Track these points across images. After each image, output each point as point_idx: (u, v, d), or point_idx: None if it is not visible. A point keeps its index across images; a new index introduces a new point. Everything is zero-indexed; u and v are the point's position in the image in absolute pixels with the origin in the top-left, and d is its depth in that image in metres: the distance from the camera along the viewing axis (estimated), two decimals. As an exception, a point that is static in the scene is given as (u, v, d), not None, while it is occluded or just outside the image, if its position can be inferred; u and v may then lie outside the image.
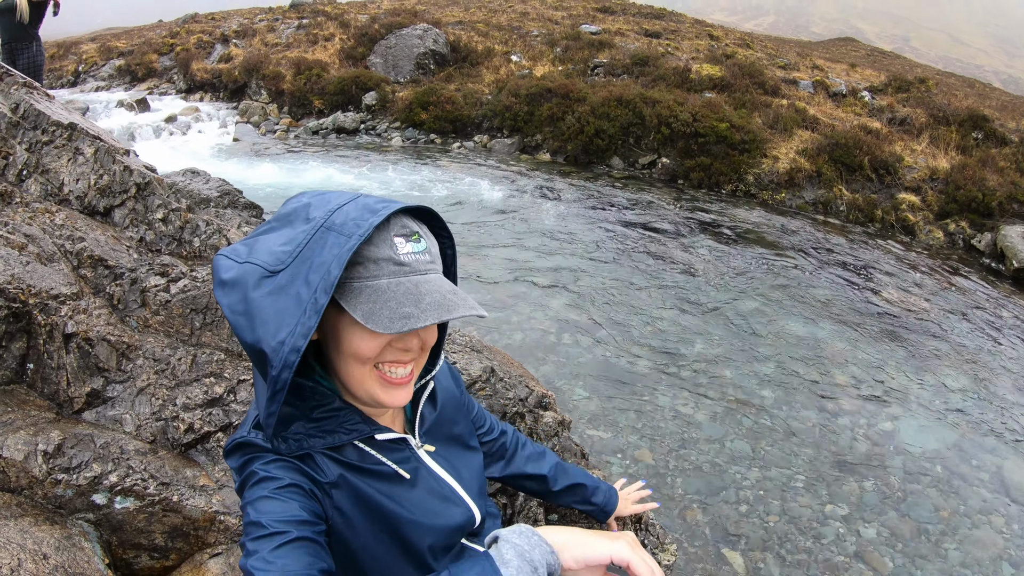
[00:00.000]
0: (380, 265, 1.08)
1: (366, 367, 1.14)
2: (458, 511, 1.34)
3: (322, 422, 1.17)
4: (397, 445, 1.30)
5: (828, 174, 12.58)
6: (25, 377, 2.27)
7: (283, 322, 1.03)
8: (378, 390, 1.16)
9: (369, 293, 1.06)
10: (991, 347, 7.12)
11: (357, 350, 1.12)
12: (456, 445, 1.46)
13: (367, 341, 1.11)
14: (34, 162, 2.97)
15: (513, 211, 10.11)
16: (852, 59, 27.79)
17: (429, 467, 1.34)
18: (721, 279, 8.06)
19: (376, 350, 1.12)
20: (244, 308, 1.07)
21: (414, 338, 1.16)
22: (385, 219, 1.10)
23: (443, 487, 1.34)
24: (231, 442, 1.19)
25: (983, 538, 4.30)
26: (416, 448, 1.34)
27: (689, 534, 4.05)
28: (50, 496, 1.92)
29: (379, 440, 1.25)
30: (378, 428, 1.24)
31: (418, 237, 1.15)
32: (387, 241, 1.10)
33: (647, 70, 17.17)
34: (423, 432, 1.38)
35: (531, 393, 2.50)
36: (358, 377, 1.15)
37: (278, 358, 1.03)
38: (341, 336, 1.12)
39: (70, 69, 23.88)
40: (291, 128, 16.66)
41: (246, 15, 27.89)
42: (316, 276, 1.03)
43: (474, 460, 1.50)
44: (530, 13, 27.09)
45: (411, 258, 1.11)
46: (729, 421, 5.21)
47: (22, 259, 2.37)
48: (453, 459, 1.42)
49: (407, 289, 1.07)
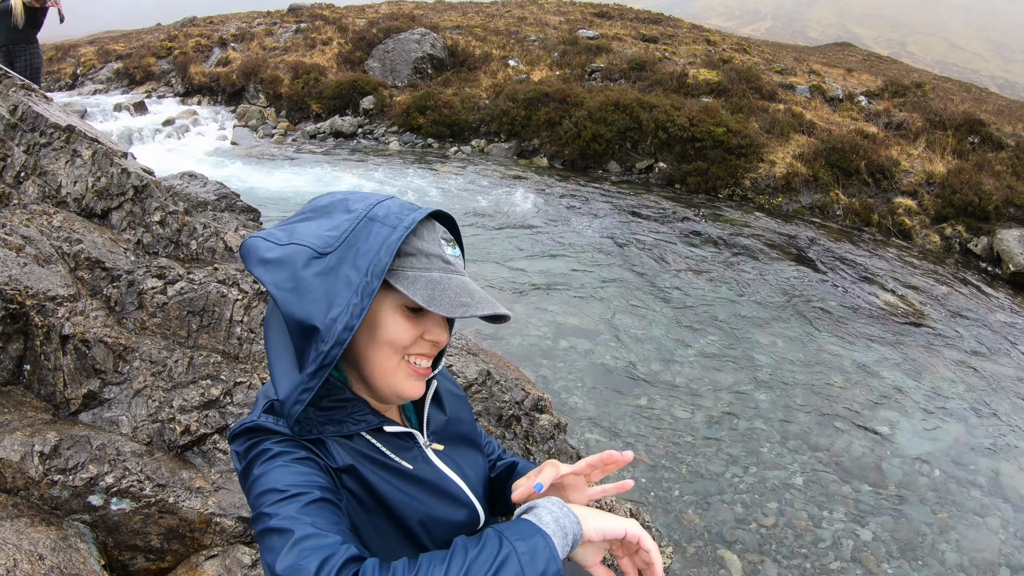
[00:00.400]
0: (432, 260, 1.17)
1: (397, 356, 1.19)
2: (464, 510, 1.36)
3: (331, 411, 1.20)
4: (405, 441, 1.31)
5: (825, 178, 12.61)
6: (22, 378, 2.27)
7: (335, 301, 1.09)
8: (403, 380, 1.21)
9: (426, 282, 1.14)
10: (987, 351, 7.13)
11: (398, 336, 1.18)
12: (462, 445, 1.49)
13: (408, 329, 1.18)
14: (32, 164, 2.98)
15: (510, 216, 10.12)
16: (849, 64, 27.88)
17: (436, 465, 1.36)
18: (717, 283, 8.07)
19: (413, 338, 1.19)
20: (293, 285, 1.11)
21: (445, 333, 1.23)
22: (428, 219, 1.21)
23: (450, 486, 1.35)
24: (239, 426, 1.20)
25: (980, 540, 4.31)
26: (424, 447, 1.36)
27: (686, 537, 4.05)
28: (46, 497, 1.92)
29: (387, 433, 1.28)
30: (387, 420, 1.27)
31: (454, 243, 1.25)
32: (436, 240, 1.20)
33: (644, 75, 17.21)
34: (431, 432, 1.40)
35: (527, 396, 2.50)
36: (388, 367, 1.20)
37: (331, 334, 1.08)
38: (379, 323, 1.17)
39: (68, 72, 23.87)
40: (289, 132, 16.67)
41: (244, 19, 27.92)
42: (364, 261, 1.10)
43: (479, 460, 1.52)
44: (528, 18, 27.14)
45: (454, 260, 1.21)
46: (726, 424, 5.22)
47: (20, 260, 2.37)
48: (459, 459, 1.43)
49: (459, 284, 1.16)
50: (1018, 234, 10.65)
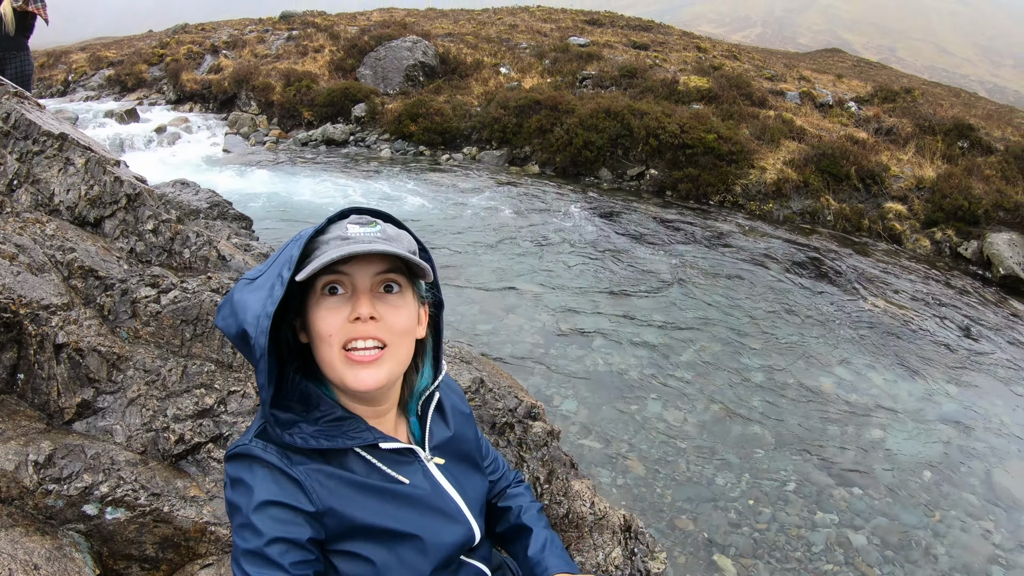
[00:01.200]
0: (330, 243, 1.19)
1: (334, 348, 1.20)
2: (460, 528, 1.35)
3: (327, 428, 1.22)
4: (404, 456, 1.32)
5: (815, 184, 12.68)
6: (16, 387, 2.27)
7: (258, 300, 1.18)
8: (345, 371, 1.21)
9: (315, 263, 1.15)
10: (978, 354, 7.18)
11: (324, 324, 1.20)
12: (464, 463, 1.48)
13: (330, 314, 1.19)
14: (25, 172, 2.98)
15: (501, 223, 10.13)
16: (839, 70, 28.05)
17: (436, 480, 1.36)
18: (709, 289, 8.10)
19: (339, 322, 1.19)
20: (230, 310, 1.20)
21: (362, 306, 1.20)
22: (342, 214, 1.26)
23: (448, 502, 1.35)
24: (231, 450, 1.23)
25: (973, 543, 4.33)
26: (425, 461, 1.36)
27: (679, 542, 4.06)
28: (41, 506, 1.92)
29: (384, 450, 1.28)
30: (384, 437, 1.27)
31: (375, 223, 1.25)
32: (340, 227, 1.23)
33: (635, 82, 17.27)
34: (433, 446, 1.40)
35: (520, 404, 2.51)
36: (329, 359, 1.21)
37: (255, 328, 1.14)
38: (312, 319, 1.22)
39: (60, 79, 23.82)
40: (280, 139, 16.65)
41: (236, 26, 27.91)
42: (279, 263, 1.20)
43: (479, 481, 1.51)
44: (519, 25, 27.22)
45: (357, 233, 1.21)
46: (718, 430, 5.23)
47: (13, 269, 2.37)
48: (460, 476, 1.43)
49: (338, 248, 1.17)
50: (1008, 238, 10.73)
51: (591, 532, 2.13)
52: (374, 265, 1.21)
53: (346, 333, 1.20)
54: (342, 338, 1.20)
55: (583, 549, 2.09)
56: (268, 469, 1.16)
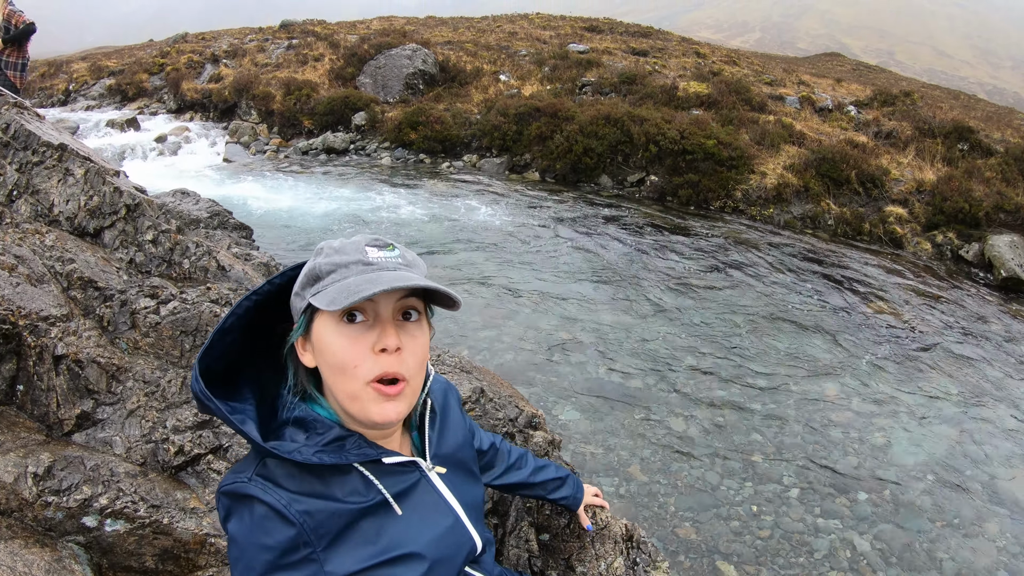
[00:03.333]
0: (350, 268, 1.15)
1: (359, 381, 1.16)
2: (461, 540, 1.34)
3: (327, 448, 1.18)
4: (406, 468, 1.29)
5: (815, 189, 12.68)
6: (15, 399, 2.26)
7: None
8: (370, 404, 1.17)
9: (338, 289, 1.12)
10: (980, 357, 7.16)
11: (344, 356, 1.15)
12: (462, 471, 1.46)
13: (351, 345, 1.15)
14: (24, 182, 2.98)
15: (502, 231, 10.13)
16: (838, 74, 28.09)
17: (439, 490, 1.34)
18: (710, 295, 8.10)
19: (361, 354, 1.15)
20: None
21: (391, 337, 1.16)
22: (364, 237, 1.22)
23: (449, 513, 1.34)
24: (228, 485, 1.17)
25: (977, 547, 4.31)
26: (428, 471, 1.34)
27: (682, 550, 4.04)
28: (40, 518, 1.91)
29: (386, 465, 1.25)
30: (385, 452, 1.24)
31: (392, 247, 1.21)
32: (359, 249, 1.18)
33: (635, 88, 17.30)
34: (433, 455, 1.38)
35: (521, 413, 2.50)
36: (351, 391, 1.17)
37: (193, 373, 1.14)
38: (325, 347, 1.16)
39: (60, 88, 23.88)
40: (281, 148, 16.69)
41: (236, 35, 27.99)
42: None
43: (477, 487, 1.50)
44: (518, 33, 27.29)
45: (379, 258, 1.18)
46: (720, 436, 5.22)
47: (12, 280, 2.37)
48: (459, 484, 1.41)
49: (369, 278, 1.13)
50: (1009, 240, 10.72)
51: (593, 542, 2.12)
52: (396, 292, 1.18)
53: (374, 366, 1.16)
54: (370, 371, 1.16)
55: (585, 559, 2.08)
56: (267, 510, 1.12)
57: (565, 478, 2.03)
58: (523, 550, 2.13)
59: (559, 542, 2.18)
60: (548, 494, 2.00)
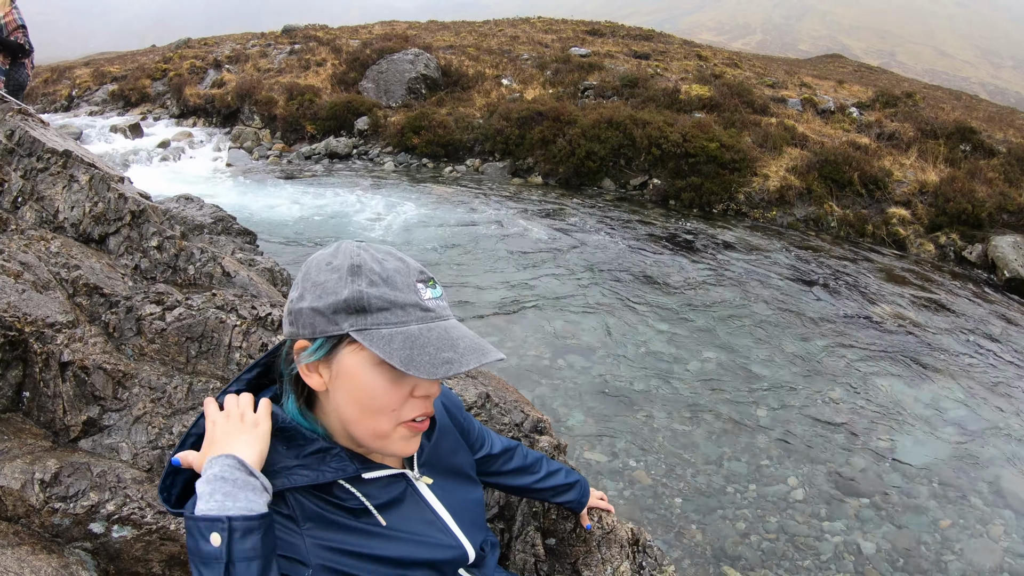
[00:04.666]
0: (408, 311, 1.09)
1: (392, 422, 1.14)
2: (449, 547, 1.31)
3: (308, 460, 1.16)
4: (393, 479, 1.27)
5: (818, 191, 12.67)
6: (21, 405, 2.27)
7: None
8: (399, 442, 1.16)
9: (403, 340, 1.06)
10: (985, 358, 7.15)
11: (385, 401, 1.11)
12: (454, 477, 1.44)
13: (393, 390, 1.11)
14: (29, 189, 2.99)
15: (505, 235, 10.14)
16: (839, 75, 28.07)
17: (426, 500, 1.32)
18: (713, 298, 8.09)
19: (402, 399, 1.12)
20: None
21: (436, 385, 1.15)
22: (405, 264, 1.14)
23: (436, 521, 1.32)
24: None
25: (983, 549, 4.30)
26: (415, 480, 1.32)
27: (687, 553, 4.04)
28: (47, 525, 1.92)
29: (367, 479, 1.23)
30: (367, 467, 1.22)
31: (434, 283, 1.16)
32: (411, 287, 1.11)
33: (637, 91, 17.31)
34: (421, 463, 1.36)
35: (527, 418, 2.50)
36: (382, 430, 1.14)
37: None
38: (362, 385, 1.11)
39: (63, 94, 23.94)
40: (284, 153, 16.71)
41: (239, 40, 28.05)
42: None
43: (472, 492, 1.48)
44: (520, 37, 27.32)
45: (434, 304, 1.13)
46: (726, 440, 5.21)
47: (18, 287, 2.37)
48: (450, 491, 1.39)
49: (439, 335, 1.08)
50: (1012, 240, 10.71)
51: (599, 546, 2.12)
52: None
53: (411, 410, 1.14)
54: (407, 414, 1.14)
55: (591, 563, 2.08)
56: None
57: (573, 483, 2.02)
58: (529, 555, 2.13)
59: (565, 546, 2.18)
60: (554, 497, 1.99)
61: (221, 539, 0.96)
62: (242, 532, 0.97)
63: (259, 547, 0.98)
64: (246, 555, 0.96)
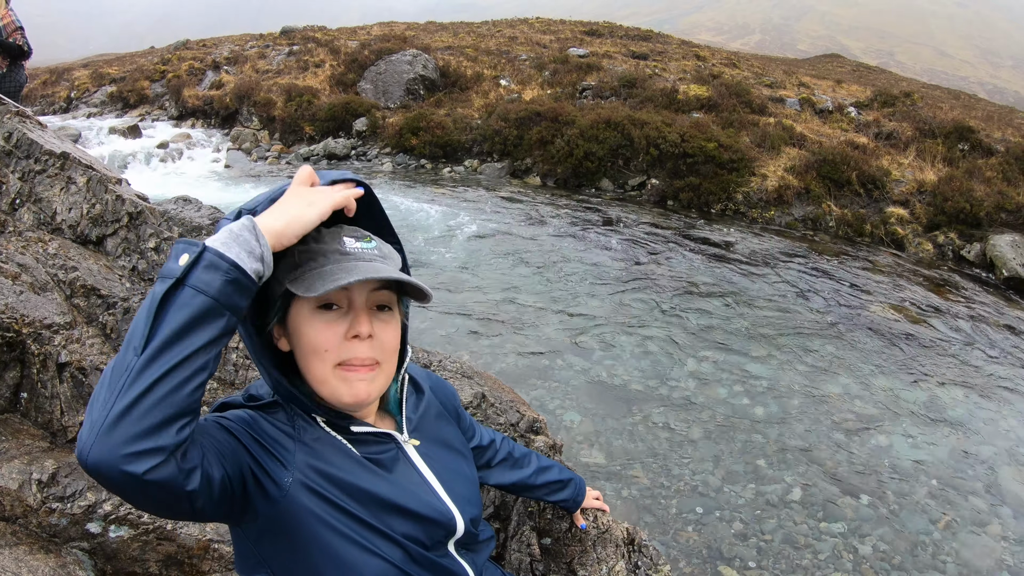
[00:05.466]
0: (328, 256, 1.18)
1: (327, 364, 1.21)
2: (437, 509, 1.35)
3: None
4: (381, 439, 1.34)
5: (816, 190, 12.68)
6: (19, 406, 2.28)
7: None
8: (339, 385, 1.22)
9: (314, 276, 1.15)
10: (983, 357, 7.16)
11: (317, 340, 1.20)
12: (443, 447, 1.50)
13: (325, 329, 1.20)
14: (27, 191, 3.00)
15: (503, 235, 10.15)
16: (838, 75, 28.10)
17: (414, 463, 1.38)
18: (711, 298, 8.10)
19: (335, 339, 1.20)
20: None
21: (363, 324, 1.21)
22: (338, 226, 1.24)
23: (424, 484, 1.36)
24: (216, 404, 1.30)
25: (981, 548, 4.31)
26: (403, 442, 1.38)
27: (684, 554, 4.04)
28: (45, 525, 1.92)
29: (359, 434, 1.30)
30: (353, 421, 1.30)
31: (369, 239, 1.26)
32: (337, 239, 1.21)
33: (635, 92, 17.32)
34: (411, 430, 1.43)
35: (522, 418, 2.51)
36: (321, 375, 1.22)
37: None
38: (301, 332, 1.21)
39: (62, 95, 23.94)
40: (282, 154, 16.71)
41: (237, 42, 28.06)
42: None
43: (462, 464, 1.53)
44: (518, 37, 27.33)
45: (355, 249, 1.21)
46: (723, 439, 5.22)
47: (15, 288, 2.38)
48: (439, 458, 1.45)
49: (346, 267, 1.16)
50: (1010, 239, 10.72)
51: (594, 546, 2.12)
52: (371, 283, 1.22)
53: (344, 351, 1.21)
54: (339, 356, 1.21)
55: (586, 563, 2.09)
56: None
57: (567, 481, 2.04)
58: (525, 554, 2.14)
59: (561, 546, 2.19)
60: (547, 496, 2.01)
61: (187, 261, 0.99)
62: (208, 264, 0.99)
63: (215, 288, 0.98)
64: (200, 286, 0.98)
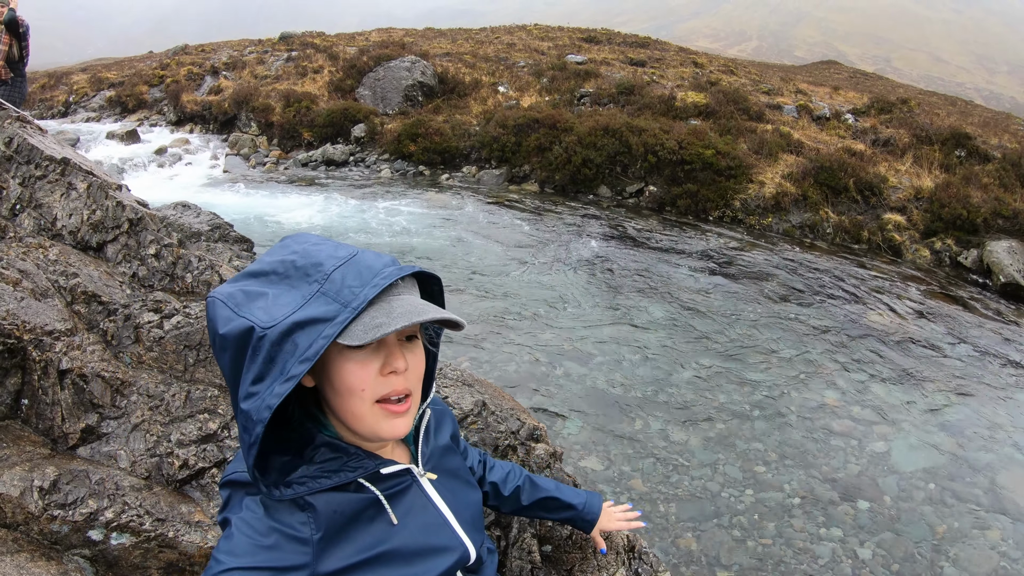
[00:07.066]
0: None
1: (367, 402, 1.17)
2: (451, 543, 1.35)
3: (325, 464, 1.21)
4: (399, 474, 1.32)
5: (814, 197, 12.71)
6: (20, 413, 2.28)
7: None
8: (379, 422, 1.19)
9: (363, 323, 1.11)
10: (980, 363, 7.17)
11: (354, 381, 1.15)
12: (453, 477, 1.49)
13: (360, 370, 1.15)
14: (27, 197, 3.00)
15: (502, 243, 10.16)
16: (835, 82, 28.17)
17: (429, 496, 1.36)
18: (710, 305, 8.11)
19: (371, 377, 1.16)
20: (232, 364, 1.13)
21: (399, 359, 1.18)
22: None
23: (439, 519, 1.35)
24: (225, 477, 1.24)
25: (979, 554, 4.31)
26: (419, 476, 1.36)
27: (683, 560, 4.04)
28: (46, 532, 1.92)
29: (383, 474, 1.28)
30: (383, 462, 1.27)
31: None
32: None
33: (633, 99, 17.36)
34: (425, 462, 1.41)
35: (523, 425, 2.51)
36: (359, 412, 1.18)
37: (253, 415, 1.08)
38: (335, 373, 1.16)
39: (61, 100, 23.97)
40: (281, 160, 16.72)
41: (236, 47, 28.10)
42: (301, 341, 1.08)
43: (472, 495, 1.52)
44: (517, 44, 27.40)
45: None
46: (721, 446, 5.22)
47: (16, 295, 2.39)
48: (452, 490, 1.44)
49: (379, 307, 1.13)
50: (1007, 245, 10.75)
51: (594, 554, 2.13)
52: None
53: (381, 387, 1.18)
54: (376, 392, 1.18)
55: (587, 570, 2.09)
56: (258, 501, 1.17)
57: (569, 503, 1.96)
58: (525, 561, 2.14)
59: (561, 553, 2.19)
60: (548, 515, 1.97)
61: None
62: None
63: None
64: None
